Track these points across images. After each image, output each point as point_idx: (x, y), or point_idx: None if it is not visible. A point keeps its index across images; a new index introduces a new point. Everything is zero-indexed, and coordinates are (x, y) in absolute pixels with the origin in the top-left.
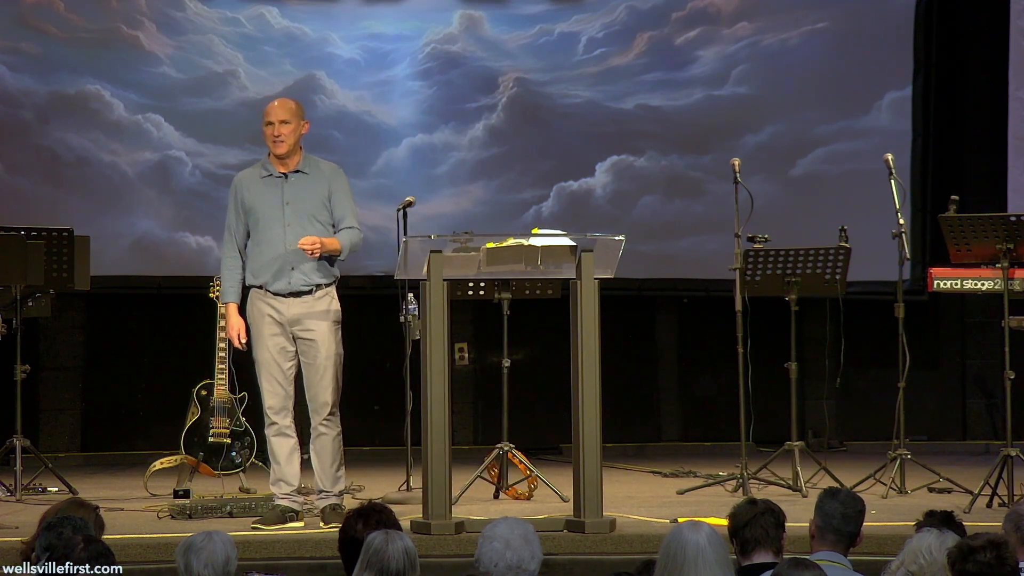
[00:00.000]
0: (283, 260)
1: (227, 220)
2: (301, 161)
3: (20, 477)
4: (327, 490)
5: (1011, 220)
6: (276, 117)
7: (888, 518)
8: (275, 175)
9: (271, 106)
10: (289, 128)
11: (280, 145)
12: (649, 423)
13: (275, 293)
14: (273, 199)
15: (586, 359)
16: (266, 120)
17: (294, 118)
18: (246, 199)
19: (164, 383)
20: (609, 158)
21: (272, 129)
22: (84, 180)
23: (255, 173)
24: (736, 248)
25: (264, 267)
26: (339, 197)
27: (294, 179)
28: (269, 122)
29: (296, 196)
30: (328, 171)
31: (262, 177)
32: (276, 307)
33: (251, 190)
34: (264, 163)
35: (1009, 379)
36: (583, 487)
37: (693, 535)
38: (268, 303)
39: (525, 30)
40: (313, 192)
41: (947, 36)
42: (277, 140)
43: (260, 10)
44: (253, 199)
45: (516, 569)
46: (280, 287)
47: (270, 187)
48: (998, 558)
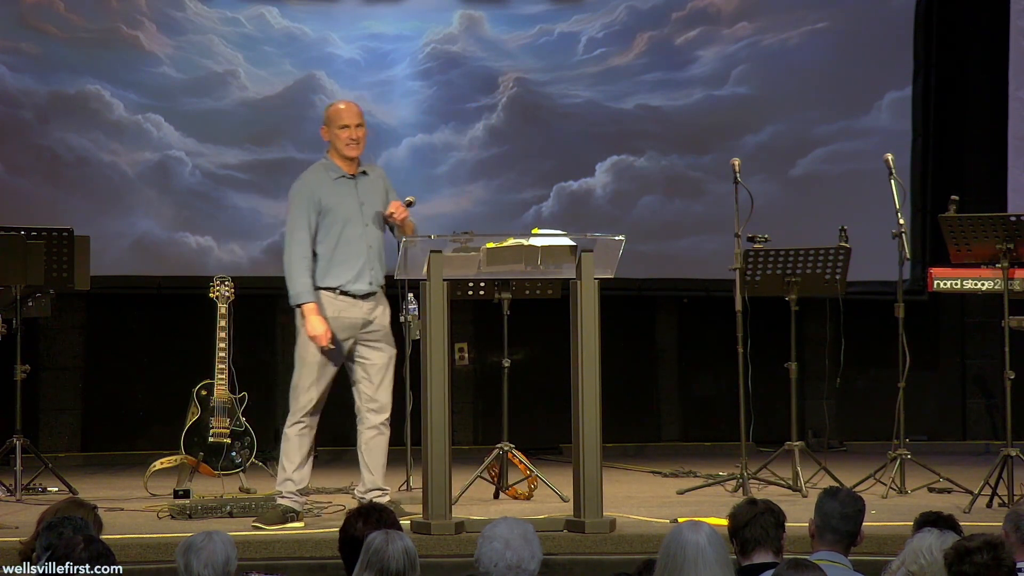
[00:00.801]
0: (365, 260)
1: (296, 221)
2: (361, 163)
3: (20, 477)
4: (382, 488)
5: (1011, 220)
6: (353, 120)
7: (888, 518)
8: (346, 176)
9: (344, 109)
10: (363, 131)
11: (356, 147)
12: (649, 423)
13: (353, 295)
14: (351, 200)
15: (586, 359)
16: (340, 123)
17: (364, 122)
18: (323, 200)
19: (164, 383)
20: (609, 158)
21: (349, 132)
22: (84, 180)
23: (324, 175)
24: (736, 248)
25: (344, 268)
26: (393, 196)
27: (362, 180)
28: (345, 125)
29: (367, 196)
30: (380, 172)
31: (334, 179)
32: (348, 309)
33: (327, 192)
34: (328, 165)
35: (1009, 379)
36: (583, 487)
37: (693, 535)
38: (337, 305)
39: (525, 30)
40: (378, 192)
41: (947, 36)
42: (353, 143)
43: (260, 10)
44: (330, 201)
45: (516, 569)
46: (359, 288)
47: (344, 188)
48: (995, 559)
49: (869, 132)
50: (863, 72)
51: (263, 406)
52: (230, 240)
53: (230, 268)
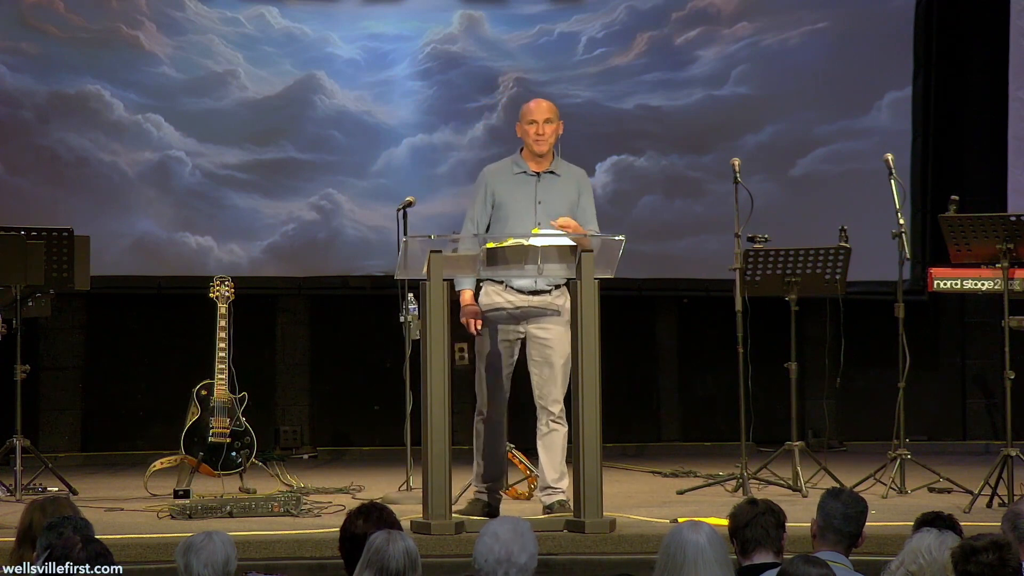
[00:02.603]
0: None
1: (470, 212)
2: (554, 162)
3: (20, 477)
4: (555, 487)
5: (1011, 220)
6: (540, 116)
7: (888, 518)
8: (528, 173)
9: (533, 106)
10: (552, 128)
11: (543, 144)
12: (649, 423)
13: (517, 290)
14: (525, 196)
15: (586, 359)
16: (528, 119)
17: (556, 118)
18: (498, 193)
19: (164, 383)
20: (609, 158)
21: (536, 128)
22: (84, 180)
23: (507, 168)
24: (736, 248)
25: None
26: (586, 201)
27: (547, 179)
28: (533, 120)
29: (548, 196)
30: (578, 175)
31: (515, 173)
32: (513, 302)
33: (504, 185)
34: (516, 160)
35: (1009, 379)
36: (583, 487)
37: (693, 535)
38: (505, 297)
39: (525, 30)
40: (564, 194)
41: (947, 36)
42: (540, 139)
43: (260, 10)
44: (505, 194)
45: (506, 562)
46: (524, 284)
47: (523, 184)
48: (1000, 559)
49: (869, 132)
50: (863, 72)
51: (263, 406)
52: (230, 240)
53: (230, 268)
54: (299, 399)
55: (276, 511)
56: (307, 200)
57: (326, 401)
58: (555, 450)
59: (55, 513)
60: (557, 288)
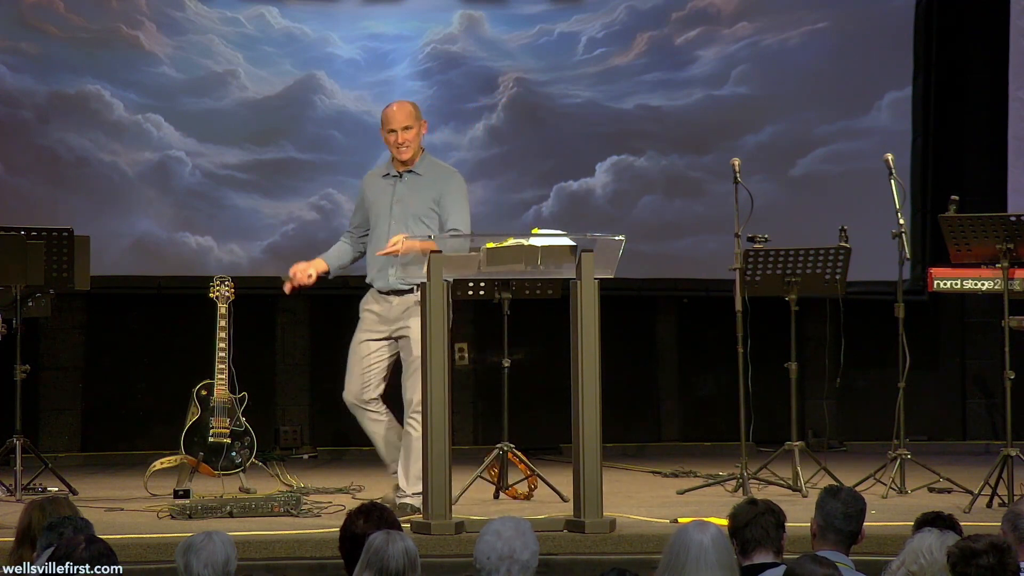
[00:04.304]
0: (385, 258)
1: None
2: (419, 162)
3: (20, 477)
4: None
5: (1011, 220)
6: (398, 125)
7: (888, 518)
8: (392, 174)
9: (391, 114)
10: (411, 133)
11: (405, 151)
12: (649, 423)
13: (379, 290)
14: (385, 198)
15: (586, 359)
16: (388, 128)
17: (415, 122)
18: (367, 195)
19: (164, 383)
20: (609, 158)
21: (395, 136)
22: (84, 180)
23: (379, 171)
24: (736, 248)
25: (372, 263)
26: (449, 200)
27: (408, 179)
28: (392, 130)
29: (404, 196)
30: (443, 174)
31: (383, 176)
32: (379, 304)
33: (372, 187)
34: (388, 162)
35: (1009, 379)
36: (583, 487)
37: (698, 535)
38: (374, 299)
39: (525, 30)
40: (422, 193)
41: (947, 36)
42: (401, 147)
43: (260, 10)
44: (372, 196)
45: (509, 559)
46: (382, 284)
47: (386, 185)
48: (1000, 563)
49: (869, 132)
50: (863, 72)
51: (263, 406)
52: (230, 240)
53: (230, 268)
54: (299, 399)
55: (276, 511)
56: (307, 200)
57: (326, 401)
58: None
59: (55, 513)
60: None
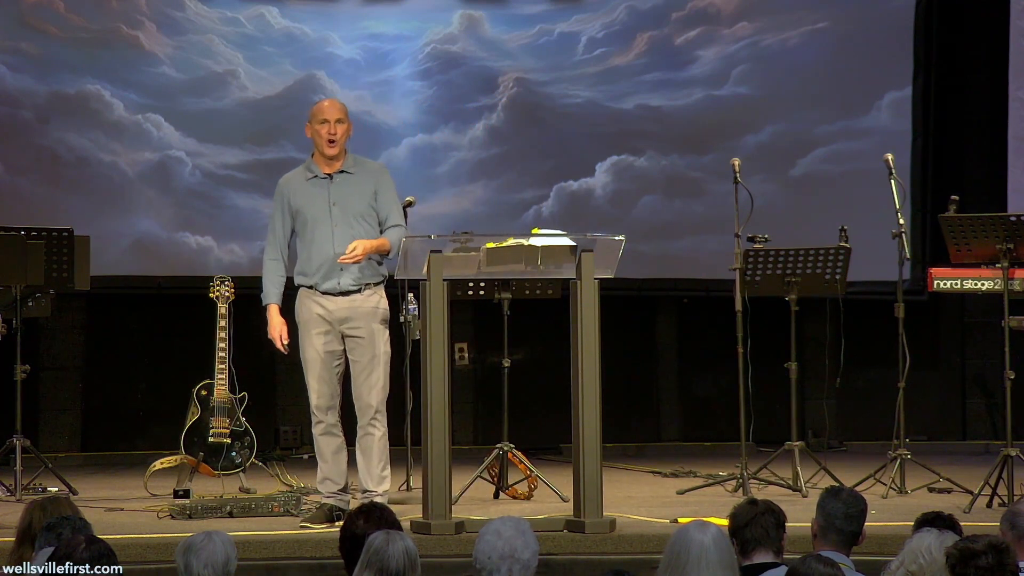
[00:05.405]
0: (332, 261)
1: (271, 223)
2: (346, 161)
3: (20, 477)
4: (372, 490)
5: (1011, 220)
6: (332, 116)
7: (888, 518)
8: (320, 176)
9: (327, 105)
10: (343, 128)
11: (334, 146)
12: (649, 423)
13: (324, 292)
14: (320, 201)
15: (586, 359)
16: (320, 119)
17: (347, 118)
18: (293, 202)
19: (164, 383)
20: (609, 158)
21: (328, 128)
22: (84, 180)
23: (301, 175)
24: (736, 248)
25: (314, 268)
26: (384, 196)
27: (339, 180)
28: (324, 120)
29: (342, 197)
30: (374, 170)
31: (308, 179)
32: (325, 306)
33: (298, 193)
34: (309, 164)
35: (1009, 379)
36: (583, 487)
37: (699, 535)
38: (317, 302)
39: (525, 30)
40: (359, 192)
41: (947, 36)
42: (332, 140)
43: (260, 10)
44: (301, 201)
45: (510, 559)
46: (330, 287)
47: (317, 188)
48: (999, 563)
49: (869, 132)
50: (863, 72)
51: (263, 406)
52: (230, 240)
53: (230, 268)
54: (299, 399)
55: (276, 511)
56: None
57: None
58: (371, 455)
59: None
60: (368, 288)
